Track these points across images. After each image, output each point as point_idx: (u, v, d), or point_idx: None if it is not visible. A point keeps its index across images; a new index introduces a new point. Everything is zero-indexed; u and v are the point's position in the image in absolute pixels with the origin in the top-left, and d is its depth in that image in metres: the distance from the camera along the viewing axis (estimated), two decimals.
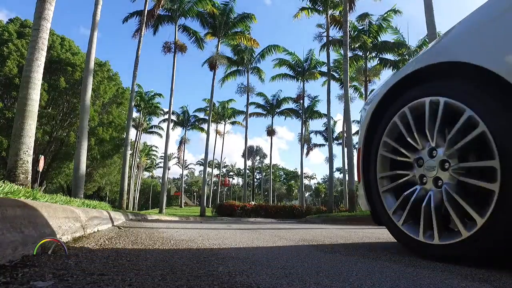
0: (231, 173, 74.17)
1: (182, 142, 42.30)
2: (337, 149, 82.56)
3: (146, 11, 17.37)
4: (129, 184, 25.15)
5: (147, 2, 17.38)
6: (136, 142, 36.07)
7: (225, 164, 69.33)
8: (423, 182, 1.44)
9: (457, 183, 1.29)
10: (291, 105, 30.56)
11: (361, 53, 21.37)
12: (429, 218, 1.36)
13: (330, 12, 18.85)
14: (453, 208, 1.26)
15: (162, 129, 39.05)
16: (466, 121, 1.25)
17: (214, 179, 45.51)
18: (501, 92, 1.15)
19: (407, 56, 20.57)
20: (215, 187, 43.27)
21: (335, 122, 35.74)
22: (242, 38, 22.33)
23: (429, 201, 1.38)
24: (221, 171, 50.59)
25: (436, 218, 1.33)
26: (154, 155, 56.89)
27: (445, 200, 1.30)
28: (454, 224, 1.28)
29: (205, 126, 34.00)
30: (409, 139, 1.53)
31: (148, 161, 53.59)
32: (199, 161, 70.55)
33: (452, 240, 1.26)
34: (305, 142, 30.48)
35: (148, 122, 38.47)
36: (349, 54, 16.35)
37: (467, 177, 1.25)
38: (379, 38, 20.46)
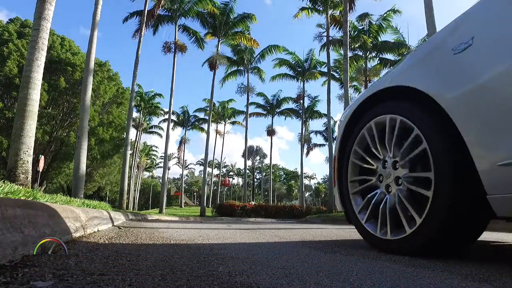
0: (231, 173, 74.20)
1: (182, 142, 42.32)
2: None
3: (146, 11, 17.38)
4: (129, 184, 25.16)
5: (147, 2, 17.38)
6: (136, 142, 36.07)
7: (225, 164, 69.38)
8: (382, 186, 1.69)
9: (407, 189, 1.53)
10: (291, 105, 30.58)
11: (361, 53, 21.36)
12: (384, 218, 1.61)
13: (330, 12, 18.86)
14: (402, 210, 1.51)
15: (162, 129, 39.08)
16: (414, 138, 1.49)
17: (214, 179, 45.52)
18: (437, 115, 1.38)
19: None
20: (215, 187, 43.28)
21: (335, 122, 35.63)
22: (242, 38, 22.32)
23: (385, 203, 1.62)
24: (221, 171, 50.63)
25: (389, 217, 1.58)
26: (154, 155, 56.92)
27: (397, 203, 1.55)
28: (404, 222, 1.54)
29: (205, 126, 34.04)
30: (373, 150, 1.77)
31: (148, 161, 53.60)
32: (199, 161, 70.62)
33: (399, 235, 1.51)
34: (305, 142, 30.48)
35: (148, 122, 38.49)
36: (349, 54, 16.35)
37: (413, 184, 1.49)
38: (379, 38, 20.46)
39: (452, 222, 1.33)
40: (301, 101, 27.74)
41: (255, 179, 56.78)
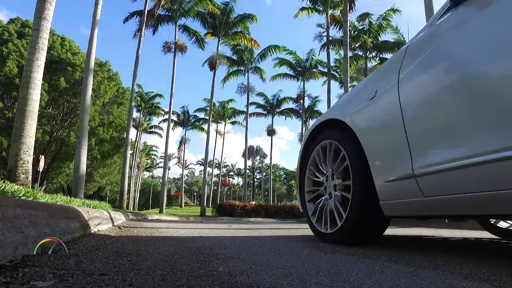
0: (231, 173, 74.20)
1: (182, 142, 42.33)
2: None
3: (146, 11, 17.39)
4: (129, 184, 25.16)
5: (147, 2, 17.39)
6: (136, 142, 36.08)
7: (225, 164, 69.41)
8: (327, 194, 2.17)
9: (340, 194, 1.99)
10: (291, 105, 30.58)
11: (361, 53, 21.36)
12: (326, 217, 2.09)
13: (330, 12, 18.86)
14: (336, 210, 1.97)
15: (162, 129, 39.10)
16: (342, 156, 1.99)
17: (214, 179, 45.52)
18: (353, 141, 1.87)
19: None
20: (215, 187, 43.27)
21: None
22: (242, 39, 22.32)
23: (327, 207, 2.10)
24: (221, 171, 50.63)
25: (329, 217, 2.06)
26: (154, 155, 56.92)
27: (333, 205, 2.01)
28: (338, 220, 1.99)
29: (205, 126, 34.04)
30: (320, 167, 2.27)
31: (148, 161, 53.60)
32: (199, 161, 70.63)
33: (334, 229, 1.96)
34: None
35: (148, 122, 38.50)
36: (349, 53, 16.35)
37: (343, 191, 1.97)
38: (379, 37, 20.45)
39: (362, 218, 1.79)
40: (301, 101, 27.74)
41: (255, 179, 56.80)
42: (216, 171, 48.02)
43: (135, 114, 34.66)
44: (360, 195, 1.78)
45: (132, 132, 31.76)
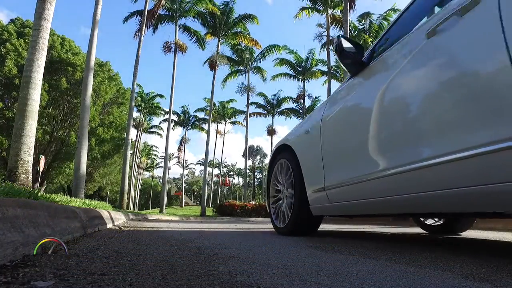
0: (231, 173, 74.18)
1: (183, 142, 42.33)
2: None
3: (146, 11, 17.39)
4: (129, 184, 25.14)
5: (147, 2, 17.39)
6: (137, 142, 36.07)
7: (225, 164, 69.38)
8: (283, 199, 2.79)
9: (288, 200, 2.65)
10: (291, 104, 30.54)
11: None
12: (280, 216, 2.76)
13: (330, 11, 18.85)
14: (286, 212, 2.66)
15: (162, 129, 39.10)
16: (290, 172, 2.63)
17: (214, 178, 45.51)
18: (296, 161, 2.54)
19: None
20: (216, 187, 43.27)
21: None
22: (242, 38, 22.31)
23: (281, 209, 2.77)
24: (221, 171, 50.60)
25: (282, 216, 2.72)
26: (155, 155, 56.92)
27: (284, 208, 2.71)
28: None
29: (205, 126, 34.00)
30: (279, 179, 2.89)
31: (149, 161, 53.60)
32: (199, 160, 70.61)
33: (284, 225, 2.65)
34: None
35: (148, 122, 38.49)
36: None
37: (291, 198, 2.58)
38: (379, 37, 20.41)
39: (299, 217, 2.48)
40: (302, 101, 27.71)
41: (255, 179, 56.78)
42: (216, 171, 48.04)
43: (135, 114, 34.68)
44: (299, 201, 2.45)
45: (132, 132, 31.74)
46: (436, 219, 3.02)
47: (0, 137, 17.84)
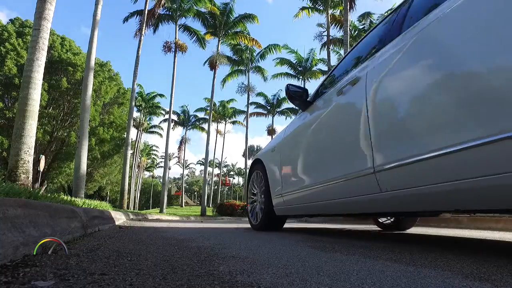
0: (231, 173, 74.17)
1: (183, 141, 42.31)
2: None
3: (146, 11, 17.38)
4: (129, 184, 25.14)
5: (148, 2, 17.38)
6: (137, 142, 36.07)
7: (225, 164, 69.38)
8: (257, 202, 3.43)
9: (261, 203, 3.28)
10: (291, 104, 30.46)
11: None
12: (254, 216, 3.45)
13: (330, 11, 18.82)
14: (259, 212, 3.29)
15: (162, 129, 39.09)
16: (263, 181, 3.22)
17: (214, 178, 45.51)
18: (265, 173, 3.18)
19: None
20: (216, 187, 43.25)
21: None
22: (243, 38, 22.28)
23: (256, 210, 3.42)
24: (221, 171, 50.55)
25: (256, 215, 3.41)
26: (155, 154, 56.92)
27: (257, 209, 3.36)
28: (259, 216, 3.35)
29: (205, 125, 33.97)
30: (255, 186, 3.54)
31: (149, 160, 53.59)
32: (199, 160, 70.59)
33: (257, 222, 3.31)
34: None
35: (148, 122, 38.48)
36: None
37: (264, 203, 3.17)
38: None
39: (267, 217, 3.11)
40: None
41: None
42: (216, 171, 48.00)
43: (136, 114, 34.66)
44: (267, 204, 3.09)
45: (133, 132, 31.74)
46: (389, 218, 3.61)
47: (1, 137, 17.84)
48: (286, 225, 4.38)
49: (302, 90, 2.60)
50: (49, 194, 3.61)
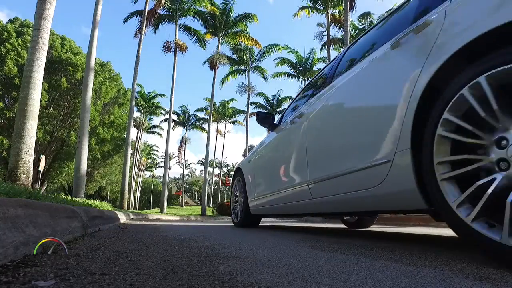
0: (232, 173, 74.06)
1: (183, 141, 42.29)
2: None
3: (146, 11, 17.37)
4: (130, 184, 25.15)
5: (148, 2, 17.37)
6: (137, 142, 36.06)
7: (226, 164, 69.37)
8: (238, 203, 3.99)
9: (241, 204, 3.91)
10: None
11: None
12: (236, 214, 4.13)
13: (330, 11, 18.81)
14: (239, 212, 3.97)
15: (163, 129, 39.06)
16: (243, 186, 3.83)
17: (215, 178, 45.49)
18: (243, 178, 3.81)
19: None
20: (216, 187, 43.21)
21: None
22: (242, 38, 22.26)
23: (237, 209, 4.07)
24: (222, 171, 50.53)
25: (237, 214, 4.04)
26: (155, 154, 56.90)
27: (238, 209, 4.03)
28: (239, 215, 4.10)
29: (205, 125, 33.98)
30: (237, 189, 4.12)
31: (149, 160, 53.58)
32: (200, 160, 70.56)
33: (238, 220, 3.90)
34: None
35: (148, 122, 38.47)
36: None
37: (242, 203, 3.88)
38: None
39: (245, 216, 3.68)
40: None
41: None
42: (216, 171, 48.02)
43: (136, 114, 34.64)
44: (245, 204, 3.67)
45: (133, 132, 31.78)
46: (353, 217, 4.06)
47: (1, 137, 17.84)
48: (285, 224, 4.38)
49: (269, 115, 3.31)
50: (49, 194, 3.61)
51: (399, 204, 1.57)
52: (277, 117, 3.44)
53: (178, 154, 47.23)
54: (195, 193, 74.35)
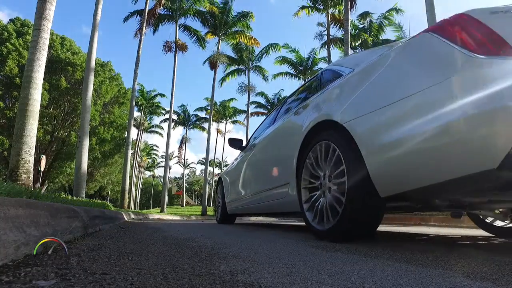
0: None
1: (183, 141, 42.29)
2: None
3: (146, 11, 17.38)
4: (130, 184, 25.12)
5: (148, 2, 17.37)
6: (137, 142, 36.06)
7: (226, 163, 69.30)
8: (220, 205, 4.96)
9: (220, 204, 5.06)
10: None
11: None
12: (218, 214, 5.05)
13: (330, 11, 18.80)
14: (219, 212, 5.03)
15: (163, 129, 39.04)
16: (222, 192, 4.84)
17: (215, 178, 45.47)
18: (222, 185, 4.84)
19: None
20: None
21: None
22: (242, 37, 22.25)
23: (219, 210, 5.01)
24: (222, 170, 50.54)
25: (218, 214, 5.04)
26: (155, 154, 56.90)
27: (219, 210, 5.05)
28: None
29: (206, 125, 33.97)
30: (219, 194, 4.99)
31: (149, 160, 53.58)
32: (200, 160, 70.59)
33: (218, 218, 5.14)
34: None
35: (149, 122, 38.46)
36: (350, 52, 16.29)
37: (222, 204, 4.90)
38: (380, 36, 20.32)
39: (223, 213, 4.72)
40: None
41: None
42: (217, 170, 47.99)
43: (136, 114, 34.63)
44: (223, 206, 4.60)
45: (133, 132, 31.75)
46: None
47: (2, 136, 17.86)
48: (285, 223, 4.35)
49: (238, 141, 4.33)
50: (50, 194, 3.62)
51: (294, 208, 2.39)
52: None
53: (179, 153, 47.19)
54: (196, 192, 74.37)
